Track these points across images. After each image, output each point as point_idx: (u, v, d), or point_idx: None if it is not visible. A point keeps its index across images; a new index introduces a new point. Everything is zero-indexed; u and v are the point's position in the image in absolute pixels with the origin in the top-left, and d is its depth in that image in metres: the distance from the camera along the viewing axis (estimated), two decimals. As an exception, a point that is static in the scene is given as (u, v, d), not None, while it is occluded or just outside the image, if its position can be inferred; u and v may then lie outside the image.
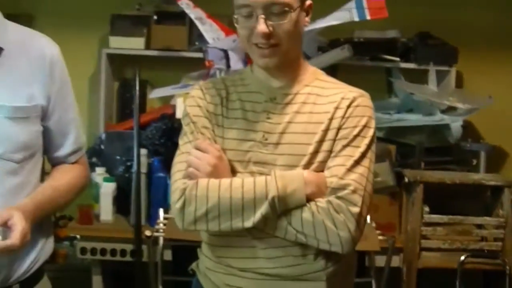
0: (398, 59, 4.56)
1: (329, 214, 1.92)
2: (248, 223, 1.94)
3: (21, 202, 2.10)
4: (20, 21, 2.24)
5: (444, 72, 4.55)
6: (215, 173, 1.99)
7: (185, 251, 3.33)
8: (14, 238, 1.95)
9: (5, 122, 2.07)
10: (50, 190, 2.22)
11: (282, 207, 1.93)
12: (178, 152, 2.11)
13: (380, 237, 3.41)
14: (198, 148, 2.04)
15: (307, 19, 2.08)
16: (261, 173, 2.00)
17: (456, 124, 4.22)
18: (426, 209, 3.69)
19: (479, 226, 3.80)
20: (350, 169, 1.96)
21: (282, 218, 1.94)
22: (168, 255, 3.63)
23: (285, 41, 1.99)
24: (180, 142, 2.12)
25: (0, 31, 2.10)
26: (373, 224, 3.50)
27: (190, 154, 2.05)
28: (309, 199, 1.94)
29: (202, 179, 1.99)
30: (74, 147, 2.33)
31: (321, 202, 1.95)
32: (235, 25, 2.05)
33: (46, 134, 2.23)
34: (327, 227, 1.91)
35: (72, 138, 2.31)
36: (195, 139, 2.07)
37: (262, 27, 1.95)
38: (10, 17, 2.18)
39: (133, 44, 4.54)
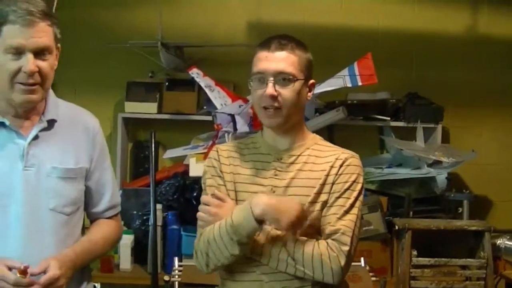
0: (388, 118, 4.79)
1: (326, 250, 2.30)
2: (234, 251, 2.32)
3: (62, 252, 2.43)
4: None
5: (431, 129, 4.80)
6: (217, 219, 2.38)
7: (197, 296, 3.68)
8: (40, 280, 2.29)
9: (58, 181, 2.44)
10: (87, 242, 2.57)
11: (241, 233, 2.28)
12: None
13: (373, 279, 3.67)
14: (203, 202, 2.46)
15: (309, 94, 2.51)
16: None
17: (441, 177, 4.52)
18: (415, 253, 3.90)
19: (463, 267, 3.98)
20: (340, 217, 2.36)
21: (283, 251, 2.31)
22: (182, 301, 3.93)
23: (287, 105, 2.40)
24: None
25: (54, 107, 2.49)
26: (367, 268, 3.78)
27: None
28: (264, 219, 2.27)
29: (204, 228, 2.41)
30: (109, 204, 2.69)
31: (321, 242, 2.33)
32: (250, 88, 2.48)
33: (87, 192, 2.60)
34: (323, 261, 2.29)
35: (108, 197, 2.68)
36: (210, 193, 2.47)
37: (270, 90, 2.38)
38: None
39: (146, 109, 4.82)
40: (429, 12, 5.09)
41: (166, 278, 3.62)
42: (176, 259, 3.83)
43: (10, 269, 2.26)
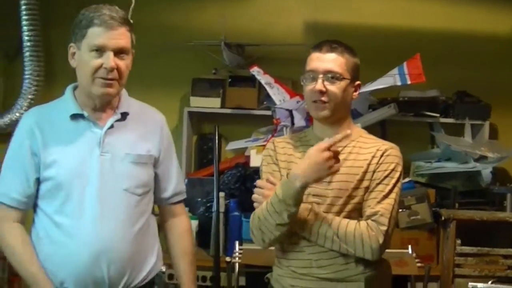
0: (438, 115, 4.95)
1: (366, 230, 2.60)
2: (281, 220, 2.59)
3: None
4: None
5: (479, 125, 4.94)
6: None
7: (255, 277, 3.96)
8: None
9: (130, 165, 2.77)
10: (190, 265, 3.11)
11: (286, 205, 2.56)
12: None
13: (419, 265, 3.92)
14: (257, 186, 2.76)
15: (355, 94, 2.81)
16: (317, 203, 2.67)
17: (486, 171, 4.64)
18: (459, 242, 4.09)
19: (505, 257, 4.12)
20: (380, 201, 2.66)
21: (329, 230, 2.61)
22: (242, 281, 4.16)
23: (333, 100, 2.71)
24: None
25: (126, 102, 2.83)
26: (414, 254, 4.04)
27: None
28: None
29: (258, 208, 2.72)
30: (175, 191, 3.02)
31: (362, 222, 2.63)
32: (302, 84, 2.79)
33: (156, 179, 2.92)
34: (364, 239, 2.59)
35: (174, 184, 3.00)
36: (265, 178, 2.78)
37: (319, 86, 2.70)
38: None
39: (210, 104, 5.04)
40: (476, 13, 5.21)
41: (228, 259, 3.90)
42: (237, 243, 4.12)
43: None
